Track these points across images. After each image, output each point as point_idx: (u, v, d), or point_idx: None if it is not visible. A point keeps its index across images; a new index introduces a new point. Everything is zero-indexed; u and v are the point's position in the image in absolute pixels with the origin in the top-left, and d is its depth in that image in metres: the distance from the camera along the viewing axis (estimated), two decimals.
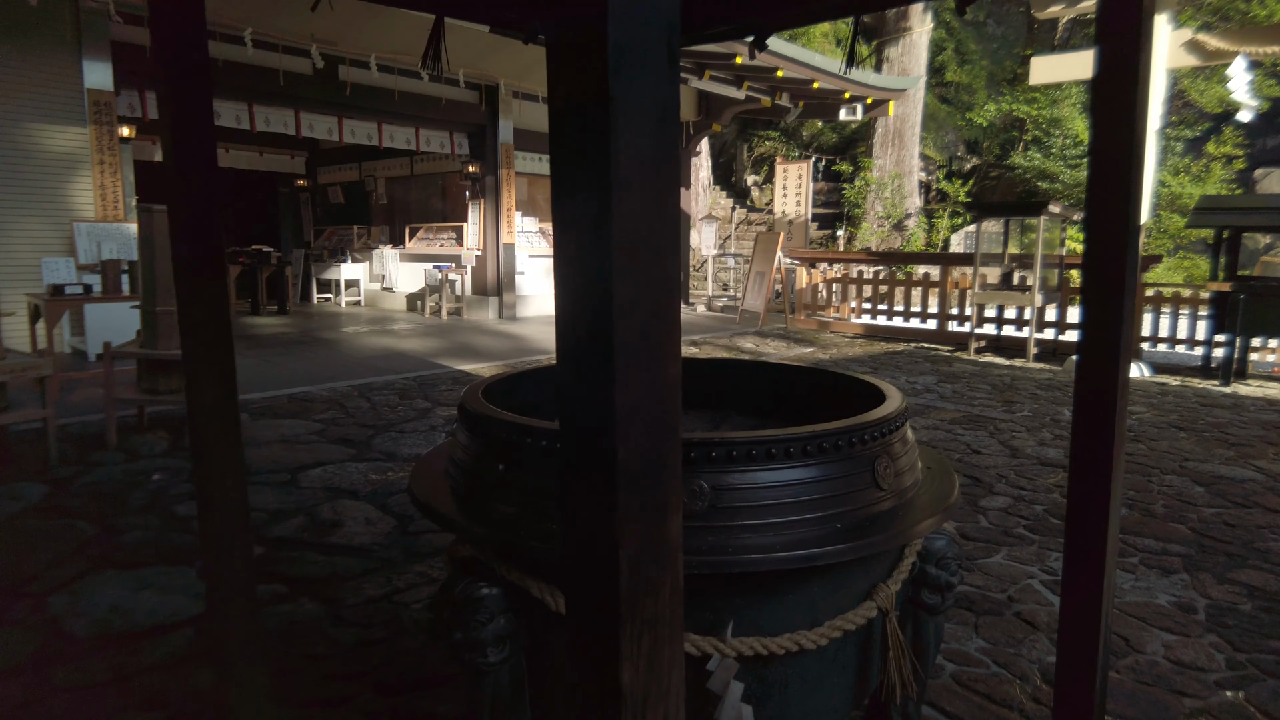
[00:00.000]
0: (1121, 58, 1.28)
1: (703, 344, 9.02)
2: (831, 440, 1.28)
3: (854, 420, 1.36)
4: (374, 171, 13.65)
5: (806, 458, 1.26)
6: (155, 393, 4.50)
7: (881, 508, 1.33)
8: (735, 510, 1.22)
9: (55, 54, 7.22)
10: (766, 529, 1.22)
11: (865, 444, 1.33)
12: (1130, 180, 1.28)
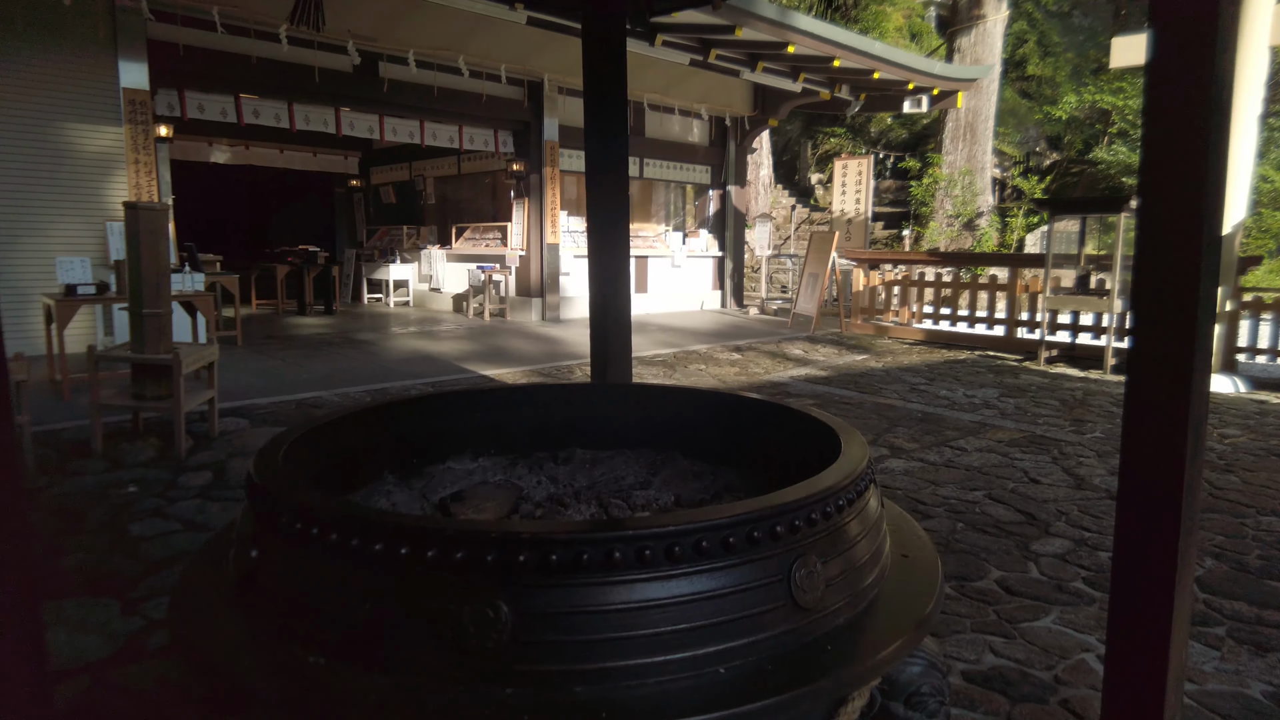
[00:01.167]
0: (1188, 26, 0.86)
1: (747, 350, 8.53)
2: (718, 536, 0.84)
3: (761, 504, 0.91)
4: (423, 171, 13.56)
5: (674, 564, 0.83)
6: (143, 398, 4.29)
7: (802, 636, 0.88)
8: (551, 649, 0.79)
9: (91, 53, 7.20)
10: (600, 678, 0.78)
11: (776, 540, 0.89)
12: (1199, 166, 0.86)
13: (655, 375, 6.84)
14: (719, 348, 8.64)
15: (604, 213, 1.94)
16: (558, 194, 11.01)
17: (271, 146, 13.32)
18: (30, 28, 6.73)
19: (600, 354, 1.95)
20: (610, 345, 1.91)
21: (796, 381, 6.75)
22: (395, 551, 0.84)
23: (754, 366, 7.47)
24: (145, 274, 4.19)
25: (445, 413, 1.55)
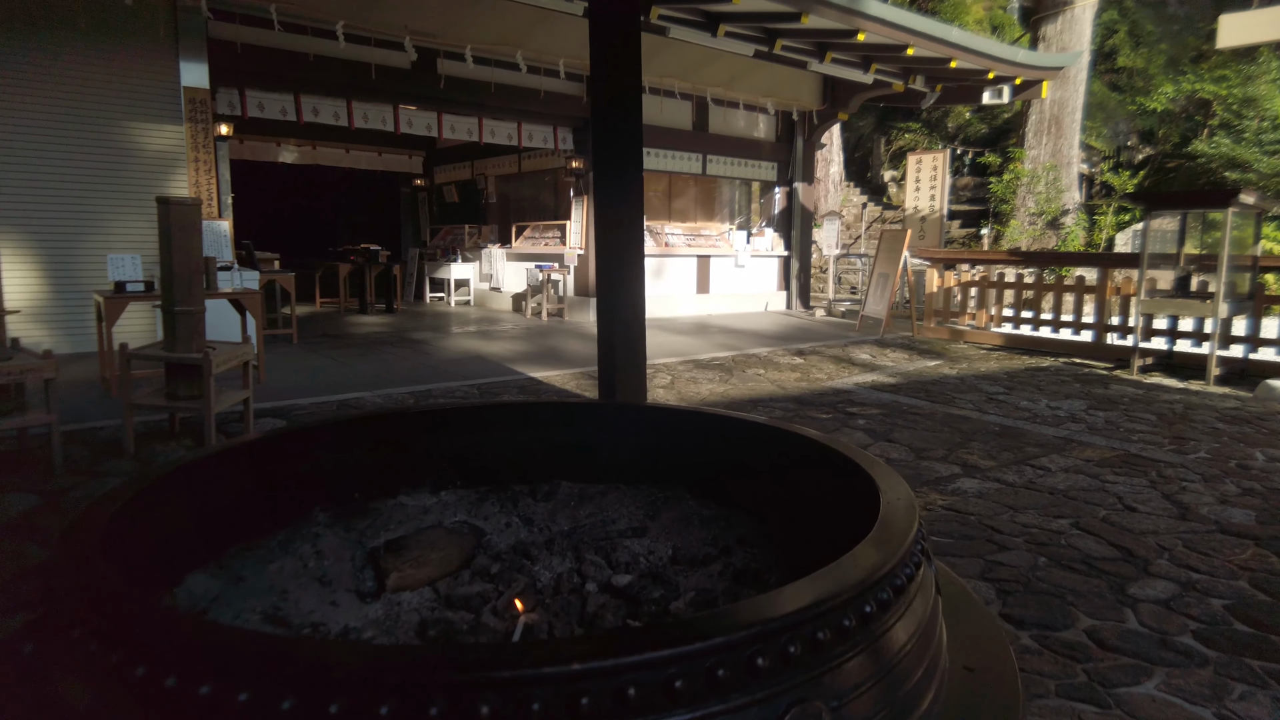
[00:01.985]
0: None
1: (810, 354, 8.11)
2: (647, 678, 0.53)
3: (728, 621, 0.60)
4: (484, 170, 13.51)
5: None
6: (176, 398, 4.18)
7: None
8: None
9: (152, 53, 7.26)
10: None
11: (757, 678, 0.56)
12: None
13: (711, 379, 6.50)
14: (780, 351, 8.24)
15: (613, 211, 1.65)
16: None
17: (337, 146, 13.47)
18: (93, 28, 6.81)
19: (607, 368, 1.66)
20: (619, 358, 1.61)
21: (861, 389, 6.32)
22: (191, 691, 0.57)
23: (816, 372, 7.06)
24: (177, 270, 4.08)
25: (405, 433, 1.28)
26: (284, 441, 1.17)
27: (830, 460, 1.09)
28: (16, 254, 6.84)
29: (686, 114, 11.58)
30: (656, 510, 1.25)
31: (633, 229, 1.69)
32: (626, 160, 1.72)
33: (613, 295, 1.64)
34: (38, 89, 6.76)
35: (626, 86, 1.73)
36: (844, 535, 0.94)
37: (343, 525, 1.16)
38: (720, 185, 13.10)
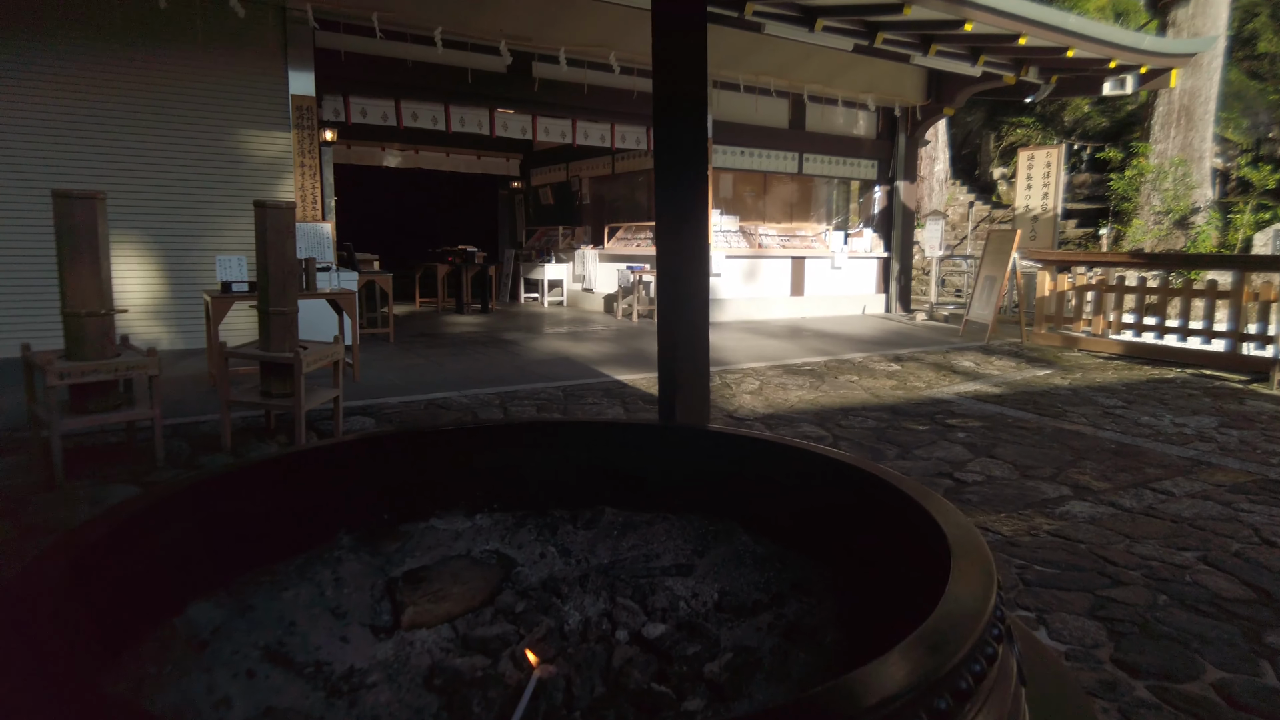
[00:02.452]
0: None
1: (909, 360, 7.75)
2: None
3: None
4: (579, 171, 13.61)
5: None
6: (269, 395, 4.31)
7: None
8: None
9: (264, 63, 7.60)
10: None
11: None
12: None
13: (801, 386, 6.29)
14: (876, 356, 7.91)
15: (676, 210, 1.54)
16: (710, 192, 10.61)
17: (438, 150, 13.86)
18: (209, 40, 7.17)
19: (668, 384, 1.54)
20: (681, 373, 1.50)
21: (963, 399, 5.97)
22: None
23: (914, 379, 6.73)
24: (272, 272, 4.20)
25: (443, 450, 1.20)
26: (313, 458, 1.11)
27: (904, 505, 0.94)
28: (137, 255, 7.27)
29: (783, 112, 11.32)
30: (706, 545, 1.13)
31: (695, 240, 1.57)
32: (689, 164, 1.61)
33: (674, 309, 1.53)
34: (159, 99, 7.17)
35: (688, 83, 1.61)
36: (914, 590, 0.80)
37: (368, 549, 1.09)
38: (817, 184, 12.76)
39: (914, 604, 0.73)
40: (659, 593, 1.00)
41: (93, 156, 6.96)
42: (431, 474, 1.19)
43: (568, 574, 1.05)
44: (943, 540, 0.78)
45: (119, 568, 0.82)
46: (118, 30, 6.84)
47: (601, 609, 0.97)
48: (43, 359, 3.67)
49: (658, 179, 1.68)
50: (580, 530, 1.18)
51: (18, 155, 6.65)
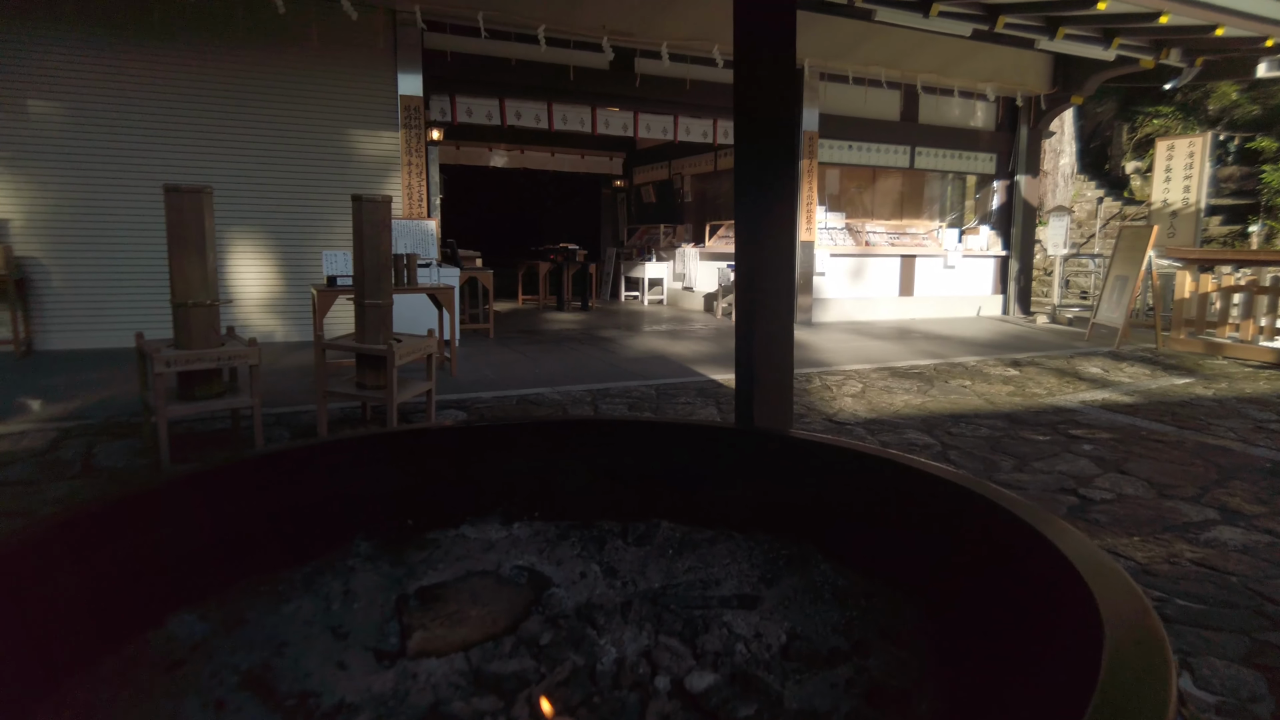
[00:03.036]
0: None
1: (1028, 365, 7.22)
2: None
3: None
4: (681, 169, 13.48)
5: None
6: (364, 387, 4.36)
7: None
8: None
9: (374, 65, 7.80)
10: None
11: None
12: None
13: (907, 390, 5.93)
14: (992, 361, 7.41)
15: (757, 196, 1.35)
16: (814, 188, 10.26)
17: (543, 150, 14.02)
18: (323, 44, 7.41)
19: (745, 384, 1.36)
20: (761, 371, 1.31)
21: (1089, 408, 5.48)
22: None
23: (1034, 385, 6.24)
24: (368, 265, 4.24)
25: (482, 449, 1.07)
26: (331, 452, 1.00)
27: (1032, 542, 0.73)
28: (253, 250, 7.60)
29: (894, 103, 10.83)
30: (776, 572, 0.95)
31: (779, 234, 1.39)
32: (772, 155, 1.42)
33: (753, 297, 1.34)
34: (276, 100, 7.47)
35: (775, 69, 1.43)
36: (1041, 657, 0.60)
37: (388, 559, 0.97)
38: (929, 179, 12.16)
39: (1043, 679, 0.53)
40: (714, 629, 0.83)
41: (210, 154, 7.31)
42: (466, 474, 1.05)
43: (609, 599, 0.89)
44: (1087, 601, 0.58)
45: (82, 572, 0.69)
46: (239, 33, 7.16)
47: (642, 646, 0.81)
48: (152, 347, 3.81)
49: (739, 160, 1.50)
50: (630, 546, 1.02)
51: (140, 153, 7.06)
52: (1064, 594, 0.63)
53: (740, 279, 1.44)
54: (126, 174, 6.97)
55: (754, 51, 1.57)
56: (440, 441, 1.08)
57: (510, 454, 1.07)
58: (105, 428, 4.42)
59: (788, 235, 1.49)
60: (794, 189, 1.72)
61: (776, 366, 1.34)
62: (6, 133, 6.66)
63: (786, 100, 1.54)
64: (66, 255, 6.96)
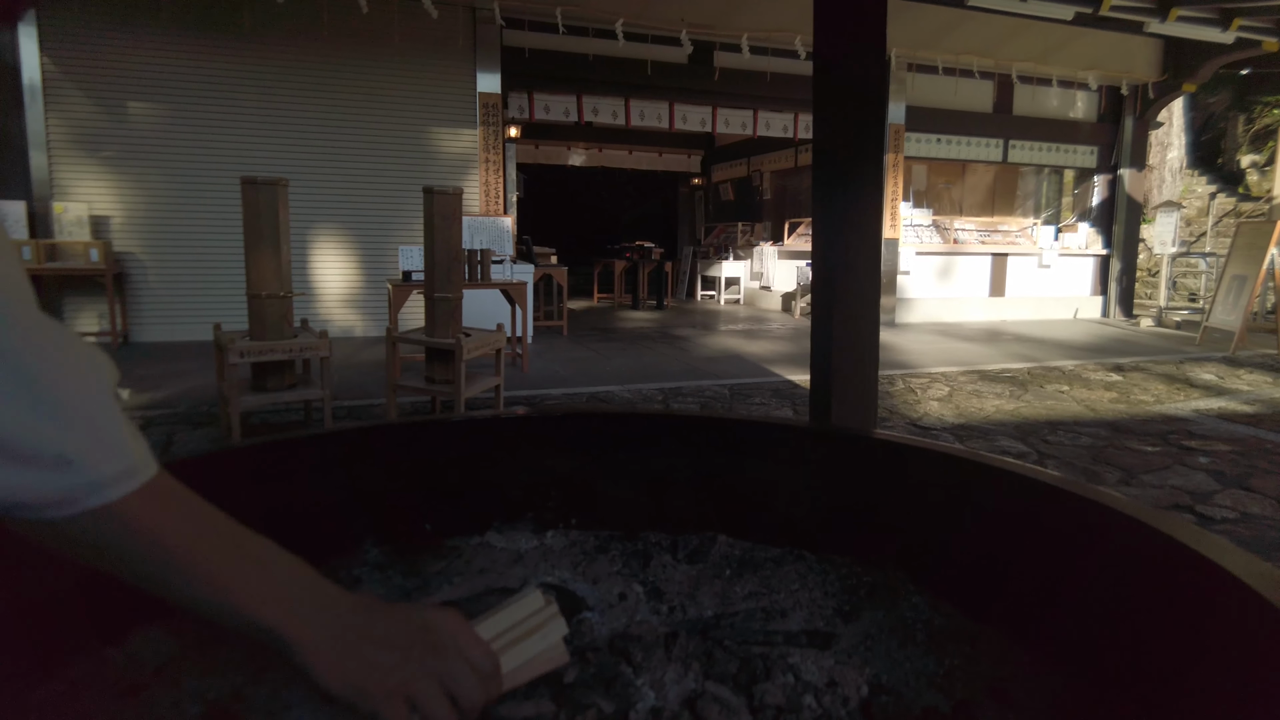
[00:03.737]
0: None
1: (1132, 370, 6.72)
2: None
3: None
4: (760, 166, 13.21)
5: None
6: (432, 381, 4.32)
7: None
8: None
9: (454, 64, 7.86)
10: None
11: None
12: None
13: (998, 394, 5.57)
14: (1091, 365, 6.94)
15: (838, 182, 1.18)
16: (900, 183, 9.87)
17: (621, 148, 13.97)
18: (404, 42, 7.49)
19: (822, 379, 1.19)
20: (840, 365, 1.15)
21: (1204, 417, 5.03)
22: None
23: (1139, 392, 5.78)
24: (438, 258, 4.20)
25: (519, 444, 0.94)
26: (345, 443, 0.88)
27: (1189, 565, 0.55)
28: (335, 246, 7.75)
29: (986, 94, 10.33)
30: (856, 604, 0.78)
31: (865, 228, 1.22)
32: (856, 144, 1.25)
33: (832, 287, 1.17)
34: (357, 98, 7.60)
35: (859, 50, 1.26)
36: None
37: (399, 568, 0.84)
38: (1024, 174, 11.58)
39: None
40: (776, 674, 0.67)
41: (296, 153, 7.48)
42: (495, 473, 0.92)
43: (651, 629, 0.74)
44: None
45: (35, 576, 0.57)
46: (324, 34, 7.29)
47: (686, 691, 0.65)
48: (227, 339, 3.85)
49: (818, 139, 1.33)
50: (680, 564, 0.86)
51: (229, 152, 7.27)
52: (1252, 631, 0.45)
53: (819, 267, 1.26)
54: (216, 172, 7.19)
55: (836, 36, 1.40)
56: (468, 434, 0.95)
57: (546, 450, 0.94)
58: (186, 417, 4.52)
59: (873, 227, 1.31)
60: (880, 181, 1.60)
61: (859, 360, 1.16)
62: (109, 134, 6.96)
63: (873, 86, 1.36)
64: (160, 250, 7.23)
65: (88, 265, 6.63)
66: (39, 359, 0.47)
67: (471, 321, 5.73)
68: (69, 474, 0.47)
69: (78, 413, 0.48)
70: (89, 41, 6.79)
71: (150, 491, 0.52)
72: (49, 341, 0.48)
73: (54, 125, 6.80)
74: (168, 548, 0.52)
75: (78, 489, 0.48)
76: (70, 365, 0.49)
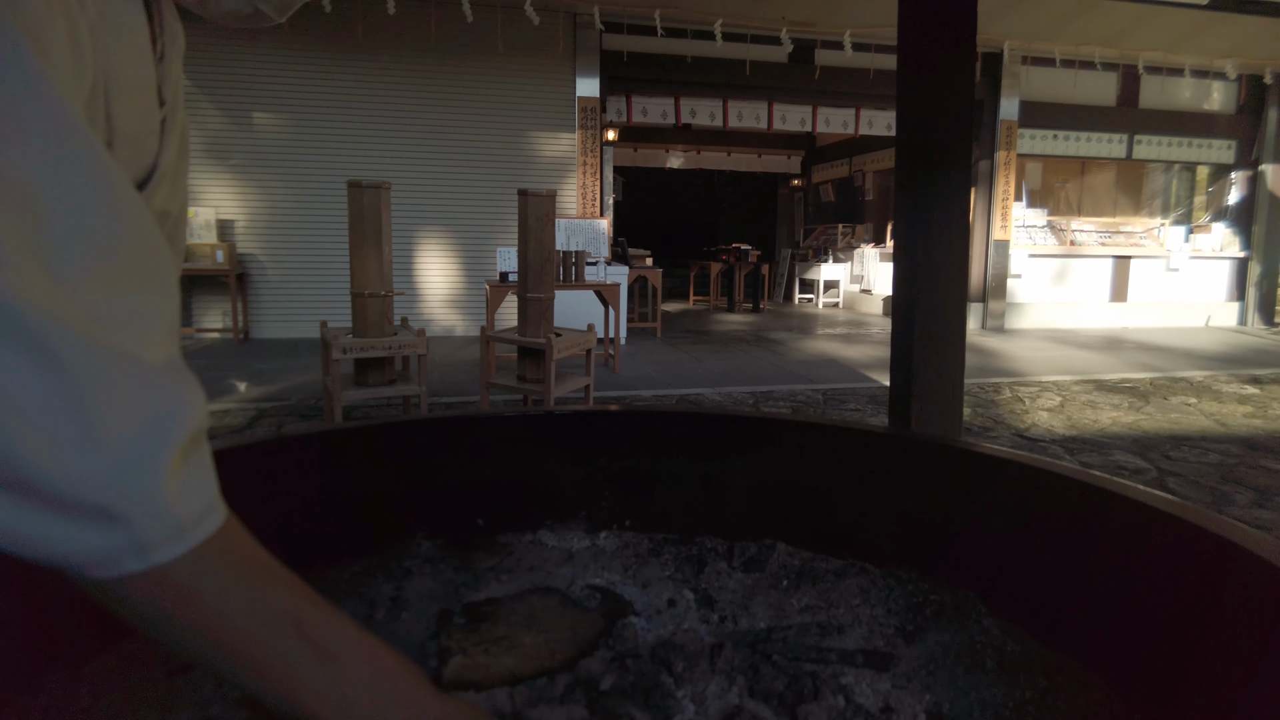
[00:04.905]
0: None
1: (1271, 383, 6.18)
2: None
3: None
4: (862, 166, 12.86)
5: None
6: (524, 380, 4.39)
7: None
8: None
9: (553, 69, 7.99)
10: None
11: None
12: None
13: (1116, 406, 5.22)
14: (1224, 376, 6.41)
15: (922, 181, 1.12)
16: (1011, 182, 9.41)
17: (719, 149, 13.89)
18: (506, 49, 7.66)
19: (902, 381, 1.12)
20: (921, 367, 1.08)
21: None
22: None
23: (1279, 407, 5.31)
24: (530, 259, 4.26)
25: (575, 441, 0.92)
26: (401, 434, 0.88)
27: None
28: (437, 248, 8.00)
29: (1109, 87, 9.73)
30: (921, 624, 0.72)
31: (952, 218, 1.15)
32: (941, 141, 1.19)
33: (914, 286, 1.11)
34: (460, 104, 7.83)
35: (946, 37, 1.20)
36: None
37: (451, 563, 0.84)
38: (1150, 171, 10.84)
39: None
40: (825, 694, 0.63)
41: (402, 157, 7.76)
42: (555, 469, 0.91)
43: (696, 639, 0.71)
44: None
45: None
46: (431, 44, 7.55)
47: (728, 707, 0.62)
48: (332, 335, 4.02)
49: (901, 140, 1.28)
50: (736, 571, 0.82)
51: (341, 157, 7.61)
52: None
53: (900, 267, 1.20)
54: (329, 176, 7.55)
55: (921, 23, 1.34)
56: (522, 430, 0.93)
57: (601, 448, 0.92)
58: (295, 409, 4.75)
59: (960, 217, 1.23)
60: (966, 180, 1.51)
61: (942, 360, 1.09)
62: (233, 142, 7.41)
63: (962, 77, 1.29)
64: (277, 252, 7.65)
65: (214, 266, 7.08)
66: (102, 391, 0.41)
67: (566, 322, 5.80)
68: (111, 530, 0.41)
69: (130, 459, 0.41)
70: (221, 58, 7.26)
71: (202, 556, 0.45)
72: (122, 375, 0.42)
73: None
74: (217, 628, 0.46)
75: (119, 549, 0.42)
76: (136, 404, 0.42)
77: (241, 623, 0.46)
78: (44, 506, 0.39)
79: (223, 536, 0.46)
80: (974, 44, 1.28)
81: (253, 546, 0.48)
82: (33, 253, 0.40)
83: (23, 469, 0.38)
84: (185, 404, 0.45)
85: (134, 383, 0.43)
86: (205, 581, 0.45)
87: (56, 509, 0.40)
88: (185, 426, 0.44)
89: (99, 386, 0.41)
